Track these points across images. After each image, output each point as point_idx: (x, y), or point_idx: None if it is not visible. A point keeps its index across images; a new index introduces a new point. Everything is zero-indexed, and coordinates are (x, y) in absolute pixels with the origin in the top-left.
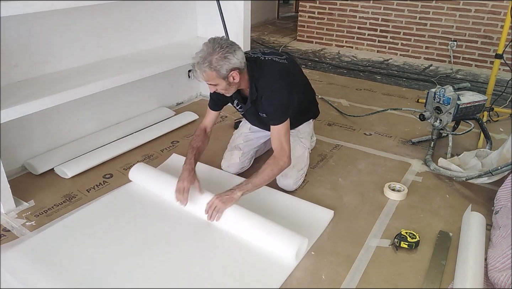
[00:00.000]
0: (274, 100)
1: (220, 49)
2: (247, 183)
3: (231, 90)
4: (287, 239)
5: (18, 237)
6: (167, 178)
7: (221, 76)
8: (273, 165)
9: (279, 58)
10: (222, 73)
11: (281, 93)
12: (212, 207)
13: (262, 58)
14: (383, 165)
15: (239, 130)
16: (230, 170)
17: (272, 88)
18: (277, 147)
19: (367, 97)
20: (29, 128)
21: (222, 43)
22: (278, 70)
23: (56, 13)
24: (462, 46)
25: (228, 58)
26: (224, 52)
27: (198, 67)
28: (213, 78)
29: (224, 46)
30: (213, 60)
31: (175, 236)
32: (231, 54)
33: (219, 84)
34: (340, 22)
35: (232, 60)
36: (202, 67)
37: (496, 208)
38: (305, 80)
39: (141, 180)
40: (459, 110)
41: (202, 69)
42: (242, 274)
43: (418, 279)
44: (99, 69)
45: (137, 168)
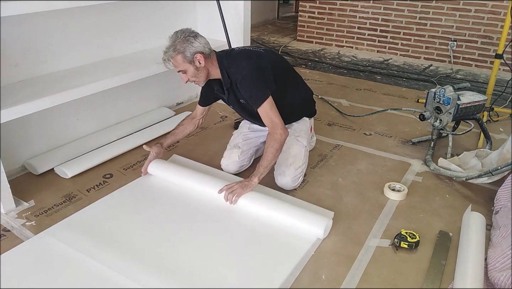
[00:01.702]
0: (247, 84)
1: (182, 34)
2: (258, 168)
3: (200, 77)
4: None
5: (18, 237)
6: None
7: (187, 59)
8: (272, 141)
9: (254, 48)
10: (187, 56)
11: (251, 75)
12: (230, 189)
13: (236, 49)
14: (383, 165)
15: (238, 130)
16: (229, 168)
17: (242, 73)
18: (268, 124)
19: (367, 97)
20: (29, 128)
21: (184, 30)
22: (247, 56)
23: (55, 13)
24: (462, 46)
25: (190, 41)
26: (186, 36)
27: (166, 55)
28: (180, 62)
29: (185, 32)
30: (177, 44)
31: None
32: (192, 38)
33: (188, 70)
34: (340, 22)
35: (194, 43)
36: (169, 52)
37: (496, 208)
38: (290, 72)
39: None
40: (459, 110)
41: (169, 55)
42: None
43: (418, 279)
44: (99, 69)
45: (156, 163)
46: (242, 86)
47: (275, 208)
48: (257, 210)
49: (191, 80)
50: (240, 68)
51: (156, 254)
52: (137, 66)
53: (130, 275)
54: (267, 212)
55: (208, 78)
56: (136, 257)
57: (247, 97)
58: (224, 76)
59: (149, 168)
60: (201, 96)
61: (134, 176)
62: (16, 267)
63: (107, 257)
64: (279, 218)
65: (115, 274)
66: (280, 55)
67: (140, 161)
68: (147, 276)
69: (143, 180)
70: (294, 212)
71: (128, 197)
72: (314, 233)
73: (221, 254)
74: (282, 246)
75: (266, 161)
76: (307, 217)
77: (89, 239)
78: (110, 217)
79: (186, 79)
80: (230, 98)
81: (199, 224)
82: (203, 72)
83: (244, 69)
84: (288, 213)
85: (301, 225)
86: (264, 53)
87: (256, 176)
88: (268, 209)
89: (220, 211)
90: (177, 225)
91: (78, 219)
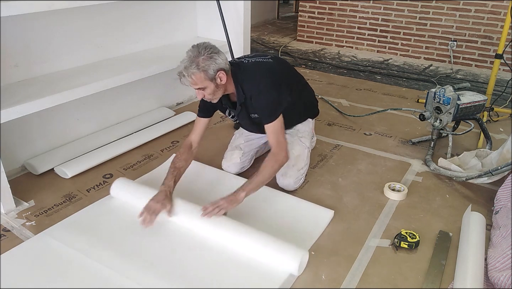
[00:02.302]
0: (263, 100)
1: (205, 51)
2: (249, 183)
3: (217, 95)
4: (287, 254)
5: (18, 237)
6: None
7: (209, 77)
8: (272, 162)
9: (263, 58)
10: (210, 74)
11: (267, 91)
12: (215, 205)
13: (245, 61)
14: (383, 165)
15: (240, 130)
16: (230, 169)
17: (259, 88)
18: (273, 143)
19: (367, 97)
20: (29, 128)
21: (205, 45)
22: (262, 70)
23: (55, 13)
24: (462, 46)
25: (214, 58)
26: (210, 52)
27: (186, 71)
28: (201, 80)
29: (208, 48)
30: (200, 62)
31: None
32: (216, 54)
33: (207, 88)
34: (340, 22)
35: (217, 60)
36: (190, 69)
37: (496, 208)
38: (297, 78)
39: (123, 195)
40: (459, 110)
41: (190, 72)
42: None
43: (418, 279)
44: (99, 69)
45: (118, 183)
46: (257, 101)
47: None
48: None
49: (207, 98)
50: (255, 82)
51: (155, 254)
52: (137, 66)
53: (130, 275)
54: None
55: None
56: (136, 257)
57: (260, 112)
58: (239, 91)
59: (111, 190)
60: (201, 109)
61: (134, 176)
62: (16, 267)
63: (107, 257)
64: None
65: (114, 274)
66: (286, 61)
67: (140, 161)
68: (147, 276)
69: (143, 181)
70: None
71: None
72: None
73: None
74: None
75: (260, 179)
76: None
77: (89, 239)
78: (110, 217)
79: (202, 96)
80: (241, 113)
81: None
82: (222, 89)
83: (260, 84)
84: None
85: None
86: (274, 64)
87: (244, 191)
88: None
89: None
90: (177, 224)
91: (78, 219)
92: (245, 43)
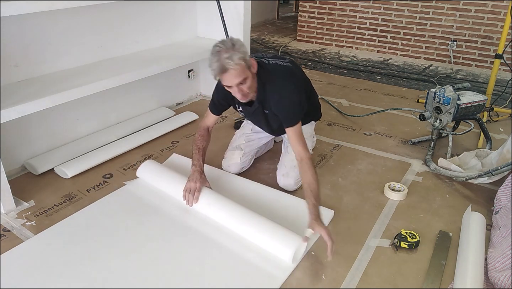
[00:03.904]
0: (285, 105)
1: (234, 40)
2: (314, 201)
3: (253, 88)
4: (285, 241)
5: (18, 237)
6: (176, 176)
7: (247, 64)
8: (311, 168)
9: (283, 62)
10: (247, 60)
11: (289, 96)
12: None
13: (265, 61)
14: (383, 165)
15: (241, 131)
16: (230, 169)
17: (281, 93)
18: (296, 144)
19: (367, 97)
20: (29, 128)
21: (231, 37)
22: (284, 74)
23: (55, 13)
24: (462, 46)
25: (244, 45)
26: (240, 41)
27: (230, 61)
28: (243, 69)
29: (234, 38)
30: (238, 50)
31: (174, 236)
32: (242, 43)
33: (248, 78)
34: (340, 22)
35: (246, 48)
36: (235, 58)
37: (496, 208)
38: (308, 83)
39: (150, 177)
40: (459, 110)
41: (236, 61)
42: (242, 274)
43: (418, 279)
44: (99, 69)
45: (146, 165)
46: (278, 105)
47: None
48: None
49: (245, 92)
50: (277, 86)
51: (155, 255)
52: (137, 66)
53: (130, 275)
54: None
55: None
56: (135, 257)
57: (282, 115)
58: (260, 89)
59: (138, 172)
60: (214, 104)
61: (134, 175)
62: (16, 267)
63: (107, 257)
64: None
65: (114, 274)
66: (299, 66)
67: (140, 161)
68: (147, 276)
69: (143, 181)
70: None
71: (128, 197)
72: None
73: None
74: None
75: (316, 191)
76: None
77: (89, 239)
78: (110, 217)
79: (241, 93)
80: (256, 110)
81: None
82: (255, 79)
83: (283, 89)
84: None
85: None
86: (293, 69)
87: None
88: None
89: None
90: (176, 226)
91: (78, 219)
92: (245, 43)
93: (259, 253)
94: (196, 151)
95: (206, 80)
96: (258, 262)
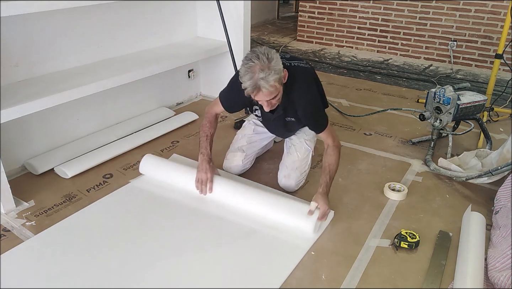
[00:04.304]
0: (312, 109)
1: (271, 54)
2: (328, 183)
3: (281, 98)
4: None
5: (18, 237)
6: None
7: (281, 81)
8: (337, 154)
9: (303, 64)
10: (281, 77)
11: (316, 101)
12: (324, 215)
13: (287, 64)
14: (383, 165)
15: (242, 131)
16: (231, 170)
17: (307, 97)
18: (330, 141)
19: (367, 97)
20: (29, 128)
21: (265, 51)
22: (307, 78)
23: (56, 13)
24: (462, 46)
25: (279, 58)
26: (275, 53)
27: (265, 81)
28: (277, 86)
29: (270, 51)
30: (273, 67)
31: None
32: (277, 54)
33: (279, 92)
34: (340, 22)
35: (280, 59)
36: (270, 78)
37: (496, 208)
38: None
39: (155, 171)
40: (459, 110)
41: (272, 81)
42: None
43: (418, 279)
44: (99, 69)
45: (147, 160)
46: (305, 110)
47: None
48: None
49: (273, 105)
50: (302, 92)
51: (155, 255)
52: (137, 66)
53: (130, 275)
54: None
55: None
56: (135, 257)
57: (311, 123)
58: (285, 95)
59: (141, 167)
60: (227, 101)
61: (134, 175)
62: (16, 267)
63: (107, 257)
64: (272, 215)
65: (114, 274)
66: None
67: (140, 161)
68: (147, 276)
69: (143, 180)
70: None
71: (127, 197)
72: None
73: (219, 256)
74: (280, 246)
75: (334, 174)
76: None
77: (89, 239)
78: (110, 217)
79: (270, 106)
80: (278, 117)
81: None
82: (282, 88)
83: (308, 94)
84: (283, 210)
85: (294, 222)
86: (313, 71)
87: (328, 191)
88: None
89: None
90: (176, 226)
91: (78, 219)
92: (245, 43)
93: (281, 230)
94: (204, 138)
95: (206, 80)
96: (284, 236)
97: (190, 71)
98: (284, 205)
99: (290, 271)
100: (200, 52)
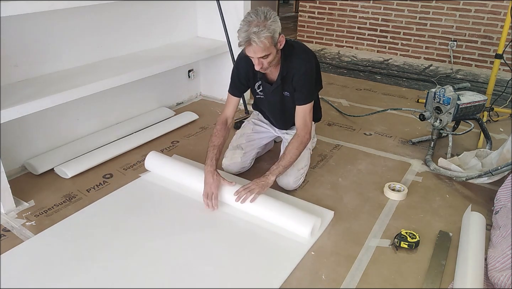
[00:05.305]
0: (306, 80)
1: (270, 13)
2: (277, 167)
3: (275, 62)
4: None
5: (18, 237)
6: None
7: (274, 41)
8: (297, 143)
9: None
10: (275, 38)
11: (311, 73)
12: (247, 189)
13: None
14: (383, 165)
15: (242, 130)
16: (230, 168)
17: (306, 66)
18: (300, 125)
19: (367, 97)
20: (29, 128)
21: (267, 9)
22: (307, 52)
23: (55, 13)
24: (462, 46)
25: (278, 21)
26: (274, 15)
27: (257, 36)
28: (268, 45)
29: (270, 11)
30: (269, 25)
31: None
32: (277, 17)
33: (271, 53)
34: (340, 22)
35: (279, 23)
36: (262, 34)
37: (496, 208)
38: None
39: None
40: (459, 110)
41: (263, 37)
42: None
43: (418, 279)
44: (99, 69)
45: (152, 157)
46: (300, 79)
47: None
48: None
49: (265, 66)
50: (302, 61)
51: (155, 255)
52: (137, 66)
53: (130, 275)
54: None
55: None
56: (135, 257)
57: (298, 91)
58: (283, 63)
59: (146, 163)
60: (234, 85)
61: (134, 175)
62: (16, 267)
63: (107, 257)
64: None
65: (114, 274)
66: None
67: (140, 161)
68: (147, 276)
69: (143, 180)
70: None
71: (128, 197)
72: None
73: (219, 256)
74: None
75: (287, 161)
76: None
77: (89, 239)
78: (110, 217)
79: (261, 66)
80: (274, 89)
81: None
82: (278, 56)
83: (307, 64)
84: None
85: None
86: (314, 53)
87: (274, 174)
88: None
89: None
90: (176, 226)
91: (78, 219)
92: None
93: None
94: (210, 148)
95: (206, 80)
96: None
97: (190, 71)
98: (281, 208)
99: (290, 271)
100: (200, 52)
